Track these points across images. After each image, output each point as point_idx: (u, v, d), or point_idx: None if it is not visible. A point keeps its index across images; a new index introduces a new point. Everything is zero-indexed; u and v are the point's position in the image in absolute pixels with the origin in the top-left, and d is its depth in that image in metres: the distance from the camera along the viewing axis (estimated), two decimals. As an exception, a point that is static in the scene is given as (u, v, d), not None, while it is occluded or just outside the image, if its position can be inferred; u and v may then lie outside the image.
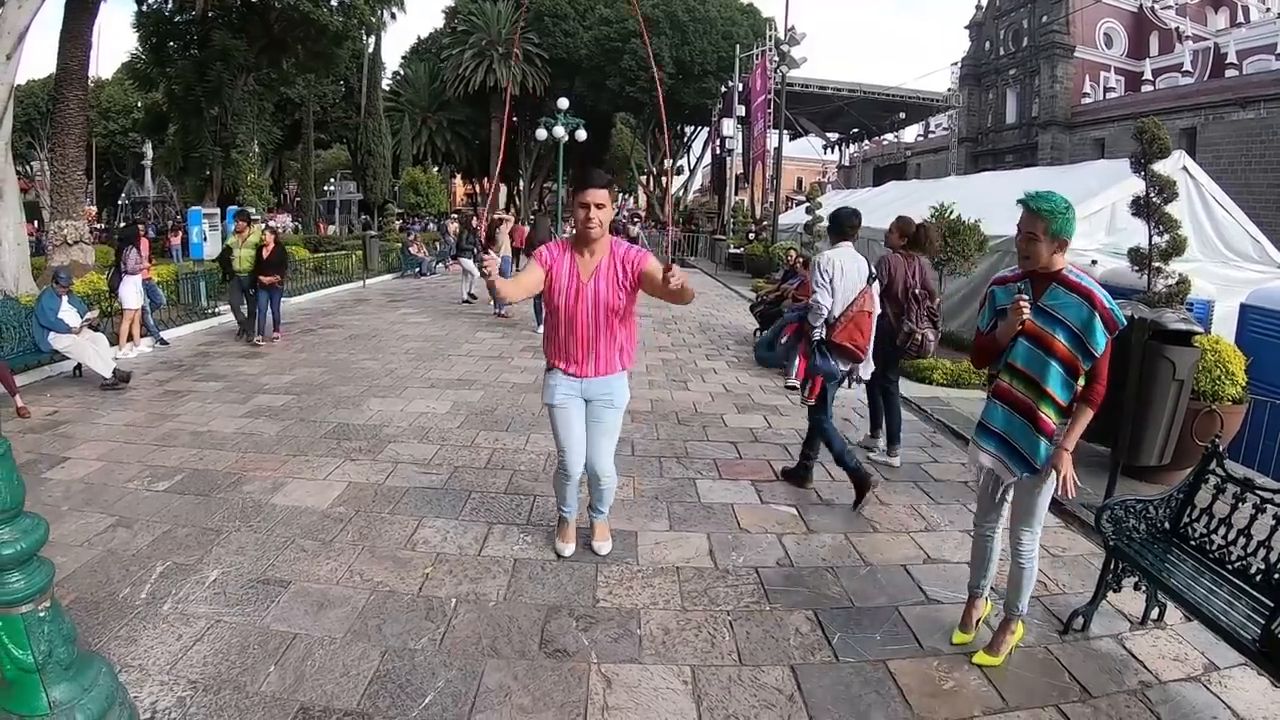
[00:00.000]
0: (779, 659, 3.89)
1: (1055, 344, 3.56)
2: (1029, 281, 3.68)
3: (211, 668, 3.65)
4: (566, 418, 4.60)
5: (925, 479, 6.82)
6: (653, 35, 50.45)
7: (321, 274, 21.58)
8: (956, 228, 11.05)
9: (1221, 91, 39.62)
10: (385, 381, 9.83)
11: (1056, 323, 3.56)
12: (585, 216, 4.24)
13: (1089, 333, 3.48)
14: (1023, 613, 3.95)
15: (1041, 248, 3.55)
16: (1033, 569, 3.85)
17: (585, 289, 4.36)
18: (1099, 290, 3.50)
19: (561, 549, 5.01)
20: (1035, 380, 3.64)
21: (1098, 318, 3.46)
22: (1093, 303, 3.47)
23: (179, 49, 32.16)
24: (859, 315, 6.08)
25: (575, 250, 4.43)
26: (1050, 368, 3.58)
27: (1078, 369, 3.56)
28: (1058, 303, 3.56)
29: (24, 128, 46.16)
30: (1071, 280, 3.55)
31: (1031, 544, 3.83)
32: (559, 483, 4.86)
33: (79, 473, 6.35)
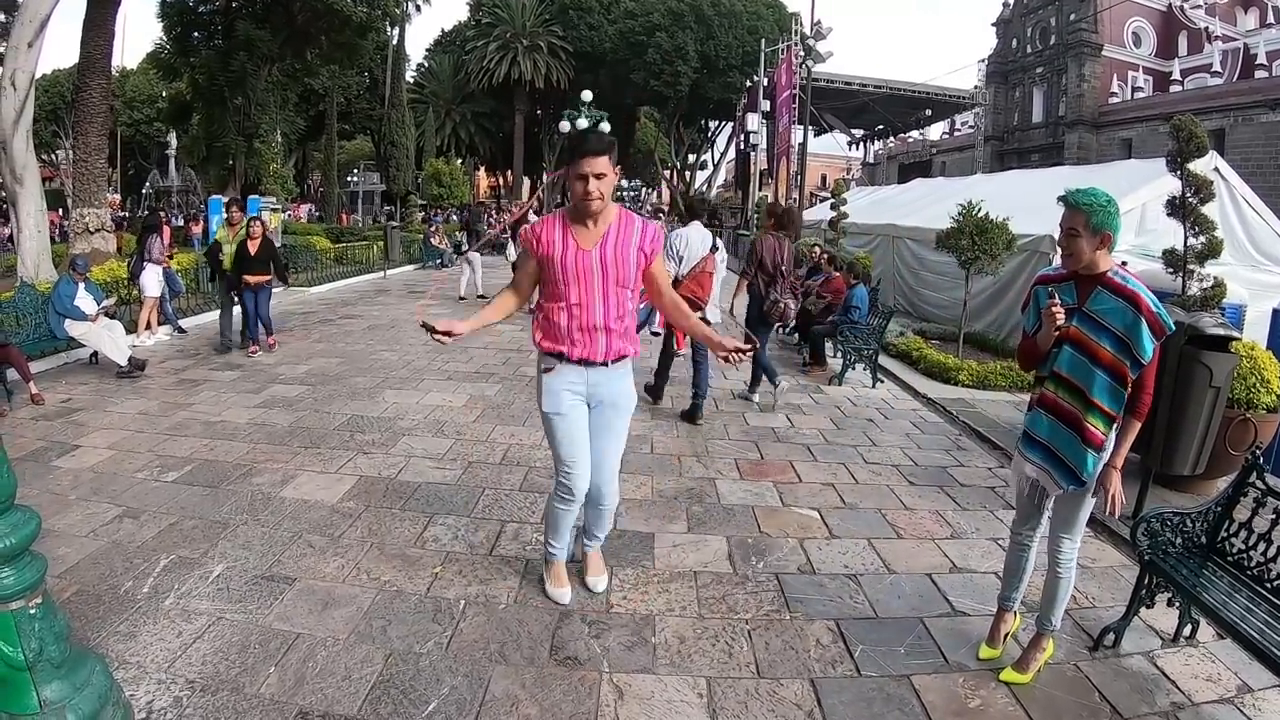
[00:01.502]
0: (799, 671, 3.74)
1: (1101, 351, 3.40)
2: (1074, 284, 3.51)
3: (210, 667, 3.56)
4: (572, 427, 3.99)
5: (951, 483, 6.65)
6: (678, 29, 50.34)
7: (343, 264, 21.61)
8: (984, 226, 10.86)
9: (1251, 93, 39.18)
10: (402, 373, 9.77)
11: (1102, 329, 3.40)
12: (584, 189, 3.70)
13: (1135, 339, 3.32)
14: (1055, 628, 3.79)
15: (1083, 244, 3.38)
16: (1070, 580, 3.70)
17: (588, 257, 3.80)
18: (1146, 294, 3.33)
19: (559, 595, 4.35)
20: (1081, 389, 3.47)
21: (1144, 323, 3.30)
22: (1139, 307, 3.30)
23: (203, 39, 32.22)
24: (701, 275, 7.82)
25: (573, 223, 3.85)
26: (1096, 376, 3.42)
27: (1125, 377, 3.39)
28: (1103, 308, 3.40)
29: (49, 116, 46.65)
30: (1116, 283, 3.38)
31: (1071, 553, 3.68)
32: (557, 512, 4.18)
33: (89, 461, 6.30)
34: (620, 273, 3.84)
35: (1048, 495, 3.71)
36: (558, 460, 4.06)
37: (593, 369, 3.95)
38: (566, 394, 3.96)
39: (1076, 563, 3.71)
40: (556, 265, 3.81)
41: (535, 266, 3.93)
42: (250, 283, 10.89)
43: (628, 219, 3.92)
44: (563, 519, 4.21)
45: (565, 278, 3.81)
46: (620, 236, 3.84)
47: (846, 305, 10.97)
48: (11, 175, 13.15)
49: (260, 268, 11.02)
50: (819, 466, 6.88)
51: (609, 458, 4.15)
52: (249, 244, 10.97)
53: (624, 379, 4.09)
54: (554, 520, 4.25)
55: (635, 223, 3.92)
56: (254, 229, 11.06)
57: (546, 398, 3.97)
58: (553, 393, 3.95)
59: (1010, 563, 3.95)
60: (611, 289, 3.84)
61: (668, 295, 4.17)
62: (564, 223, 3.86)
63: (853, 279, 11.30)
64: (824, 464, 6.96)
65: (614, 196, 3.89)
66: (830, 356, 11.16)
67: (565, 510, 4.15)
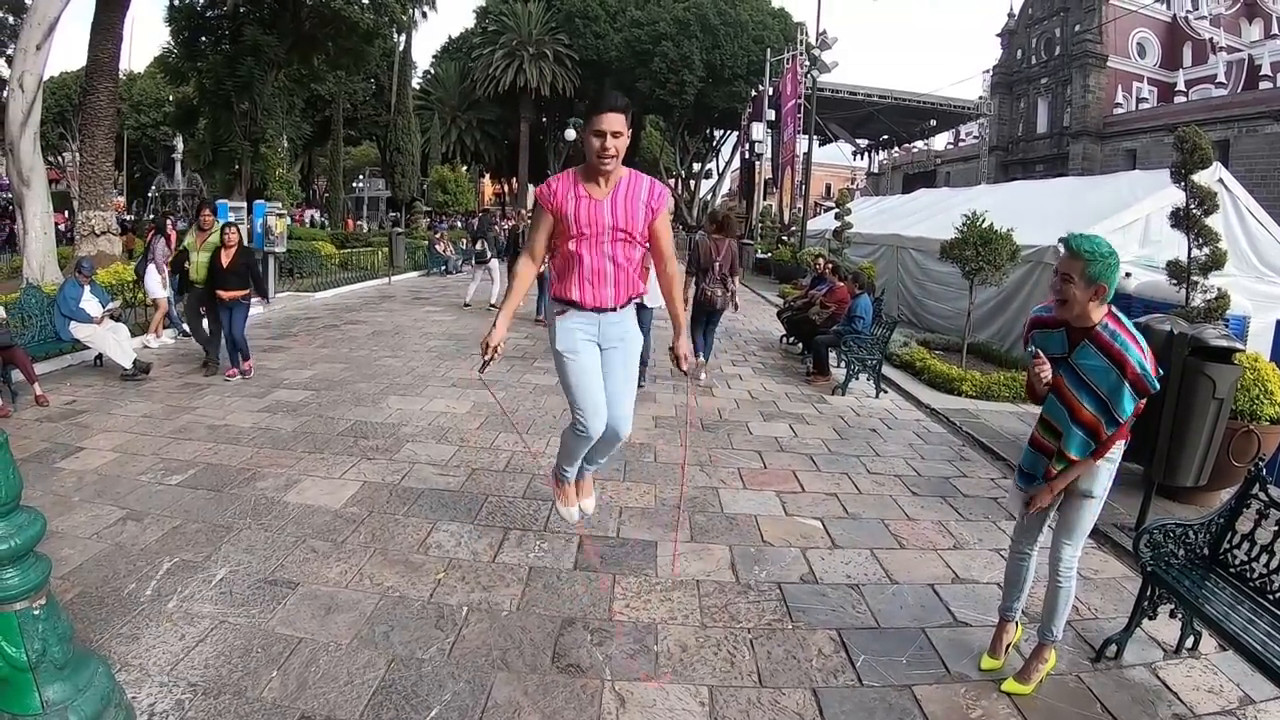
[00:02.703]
0: (800, 681, 3.73)
1: (1081, 410, 3.44)
2: (1064, 332, 3.52)
3: (213, 670, 3.56)
4: (584, 366, 4.17)
5: (954, 494, 6.65)
6: (684, 38, 50.47)
7: (347, 270, 21.65)
8: (988, 237, 10.85)
9: (1255, 104, 39.12)
10: (406, 379, 9.77)
11: (1084, 386, 3.44)
12: (600, 145, 3.85)
13: (1115, 400, 3.35)
14: (1057, 638, 3.79)
15: (1075, 291, 3.35)
16: (1071, 590, 3.70)
17: (600, 207, 3.99)
18: (1133, 355, 3.31)
19: (570, 514, 4.79)
20: (1058, 434, 3.54)
21: (1127, 385, 3.32)
22: (1124, 370, 3.31)
23: (210, 43, 32.36)
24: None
25: (584, 180, 4.03)
26: (1073, 432, 3.47)
27: (1100, 434, 3.43)
28: (1088, 364, 3.42)
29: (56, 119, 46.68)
30: (1104, 340, 3.38)
31: (1072, 561, 3.68)
32: (574, 442, 4.40)
33: (93, 463, 6.30)
34: (629, 223, 4.04)
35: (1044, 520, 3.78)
36: (573, 405, 4.25)
37: (604, 314, 4.17)
38: (579, 335, 4.17)
39: (1078, 572, 3.71)
40: (569, 216, 4.00)
41: (549, 222, 4.10)
42: (223, 299, 9.44)
43: (636, 176, 4.13)
44: (577, 449, 4.45)
45: (578, 226, 4.00)
46: (630, 190, 4.06)
47: (850, 315, 10.96)
48: (18, 177, 13.16)
49: (235, 282, 9.51)
50: (822, 476, 6.88)
51: (623, 395, 4.36)
52: (222, 254, 9.50)
53: (630, 319, 4.35)
54: (570, 449, 4.49)
55: (644, 179, 4.15)
56: (229, 236, 9.59)
57: (561, 337, 4.17)
58: (566, 332, 4.16)
59: (1011, 573, 3.95)
60: (621, 238, 4.05)
61: (668, 254, 4.36)
62: (576, 179, 4.05)
63: (857, 289, 11.30)
64: (827, 474, 6.96)
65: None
66: (834, 366, 11.15)
67: (582, 441, 4.36)
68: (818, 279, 13.71)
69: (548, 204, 4.05)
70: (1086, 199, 14.08)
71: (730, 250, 10.20)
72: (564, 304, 4.16)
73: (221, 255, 9.48)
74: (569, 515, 4.79)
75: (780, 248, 29.86)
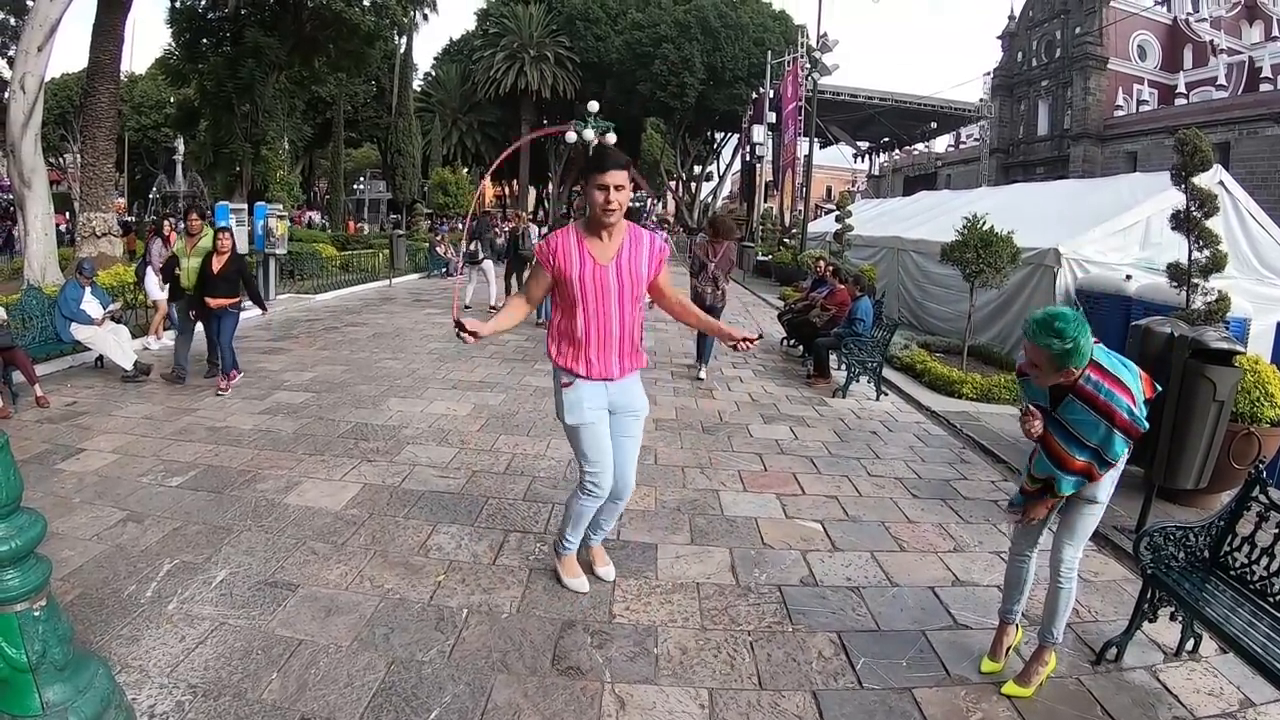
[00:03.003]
0: (800, 684, 3.73)
1: (1072, 462, 3.45)
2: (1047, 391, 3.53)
3: (213, 672, 3.56)
4: (597, 434, 4.11)
5: (954, 496, 6.64)
6: (685, 40, 50.51)
7: (348, 272, 21.69)
8: (989, 239, 10.85)
9: (1255, 106, 39.13)
10: (406, 382, 9.77)
11: (1073, 440, 3.44)
12: (605, 200, 3.80)
13: (1107, 448, 3.37)
14: (1057, 641, 3.79)
15: (1045, 376, 3.40)
16: (1071, 592, 3.70)
17: (606, 273, 3.91)
18: (1121, 404, 3.29)
19: (579, 585, 4.54)
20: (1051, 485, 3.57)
21: (1117, 435, 3.33)
22: (1113, 421, 3.30)
23: (211, 45, 32.33)
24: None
25: (587, 235, 3.95)
26: (1064, 479, 3.50)
27: (1093, 476, 3.48)
28: (1075, 419, 3.41)
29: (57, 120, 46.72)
30: (1088, 393, 3.35)
31: (1072, 562, 3.68)
32: (583, 509, 4.31)
33: (93, 464, 6.31)
34: (635, 287, 4.00)
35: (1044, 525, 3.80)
36: (585, 463, 4.18)
37: (610, 384, 4.11)
38: (588, 406, 4.08)
39: (1078, 574, 3.71)
40: (574, 281, 3.90)
41: (549, 281, 4.01)
42: (212, 306, 9.03)
43: (635, 233, 4.05)
44: (587, 514, 4.36)
45: (584, 293, 3.91)
46: (632, 251, 3.98)
47: (851, 318, 10.95)
48: (20, 178, 13.18)
49: (225, 289, 9.09)
50: (822, 479, 6.88)
51: (630, 458, 4.33)
52: (214, 260, 9.13)
53: (638, 385, 4.30)
54: (578, 516, 4.38)
55: (643, 236, 4.08)
56: (222, 242, 9.19)
57: (570, 412, 4.07)
58: (575, 405, 4.06)
59: (1010, 575, 3.95)
60: (628, 303, 3.98)
61: (673, 298, 4.33)
62: (578, 237, 3.96)
63: (857, 291, 11.29)
64: (827, 476, 6.96)
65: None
66: (834, 369, 11.15)
67: (592, 505, 4.29)
68: (818, 281, 13.70)
69: (548, 264, 3.95)
70: (1087, 201, 14.08)
71: (727, 252, 10.86)
72: (568, 373, 4.06)
73: (213, 261, 9.12)
74: (580, 586, 4.54)
75: (781, 250, 29.86)
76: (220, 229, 9.48)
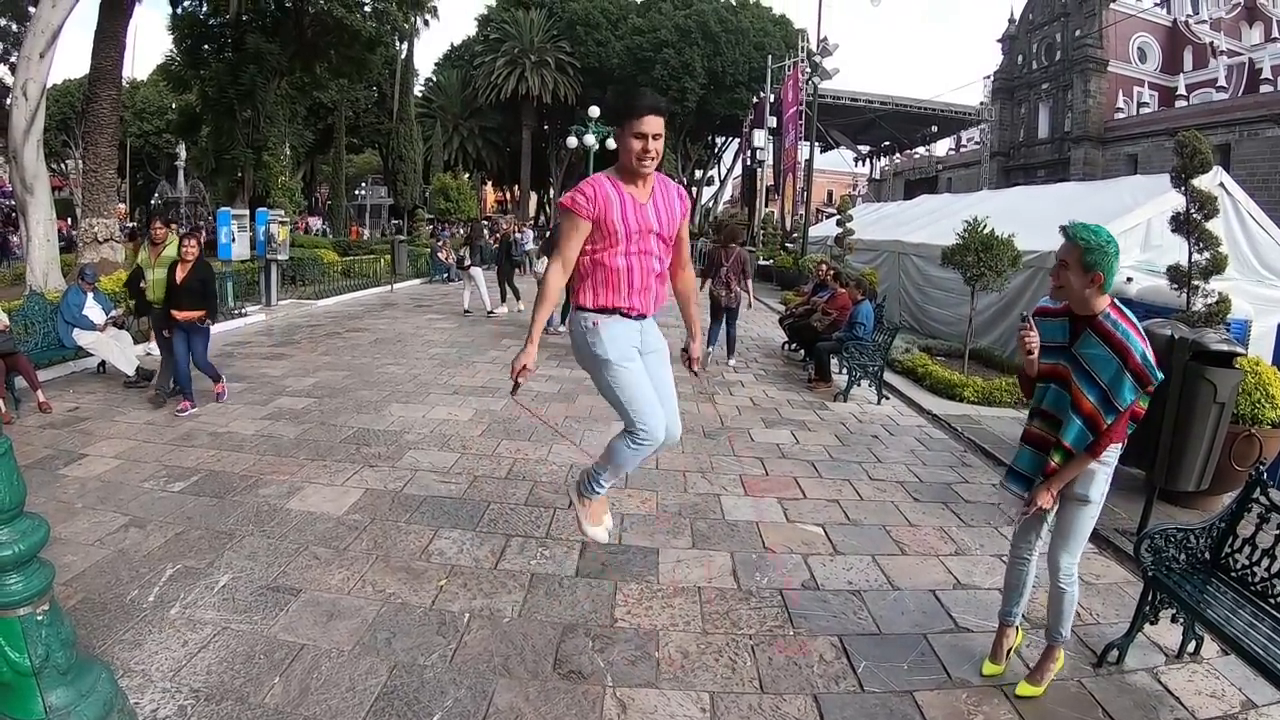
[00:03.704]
0: (802, 687, 3.74)
1: (1083, 400, 3.43)
2: (1068, 321, 3.54)
3: (215, 676, 3.57)
4: (640, 373, 3.94)
5: (955, 499, 6.65)
6: (685, 45, 50.60)
7: (350, 277, 21.70)
8: (989, 242, 10.86)
9: (1256, 107, 39.20)
10: (408, 387, 9.77)
11: (1086, 376, 3.43)
12: (642, 148, 3.71)
13: (1116, 389, 3.34)
14: (1065, 639, 3.78)
15: (1072, 277, 3.39)
16: (1073, 593, 3.68)
17: (645, 210, 3.83)
18: (1135, 345, 3.32)
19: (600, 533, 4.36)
20: (1057, 423, 3.53)
21: (1128, 375, 3.32)
22: (1125, 360, 3.31)
23: (213, 51, 32.39)
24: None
25: (623, 183, 3.84)
26: (1073, 422, 3.46)
27: (1099, 425, 3.40)
28: (1090, 353, 3.42)
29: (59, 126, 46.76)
30: (1106, 328, 3.39)
31: (1071, 567, 3.66)
32: (633, 455, 4.05)
33: (96, 470, 6.33)
34: (671, 224, 3.95)
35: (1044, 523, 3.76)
36: (632, 410, 3.94)
37: (644, 321, 4.02)
38: (626, 342, 3.94)
39: (1078, 576, 3.70)
40: (616, 219, 3.79)
41: (585, 230, 3.83)
42: (178, 319, 8.16)
43: (663, 179, 4.00)
44: (634, 460, 4.14)
45: (626, 230, 3.81)
46: (664, 193, 3.95)
47: (852, 321, 10.95)
48: (22, 184, 13.19)
49: (189, 301, 8.18)
50: (823, 483, 6.88)
51: (673, 396, 4.20)
52: (178, 268, 8.27)
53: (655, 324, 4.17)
54: (622, 462, 4.13)
55: (670, 181, 4.03)
56: (187, 249, 8.33)
57: (610, 346, 3.88)
58: (614, 339, 3.89)
59: (1010, 578, 3.93)
60: (661, 243, 3.94)
61: (687, 258, 4.30)
62: (614, 182, 3.85)
63: (859, 295, 11.29)
64: (829, 480, 6.96)
65: None
66: (835, 373, 11.15)
67: (643, 451, 4.04)
68: (819, 285, 13.71)
69: (585, 212, 3.77)
70: (1087, 204, 14.05)
71: (738, 256, 12.11)
72: (605, 312, 3.90)
73: (177, 270, 8.25)
74: (599, 535, 4.38)
75: (782, 254, 29.86)
76: (185, 234, 8.67)
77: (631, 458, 4.10)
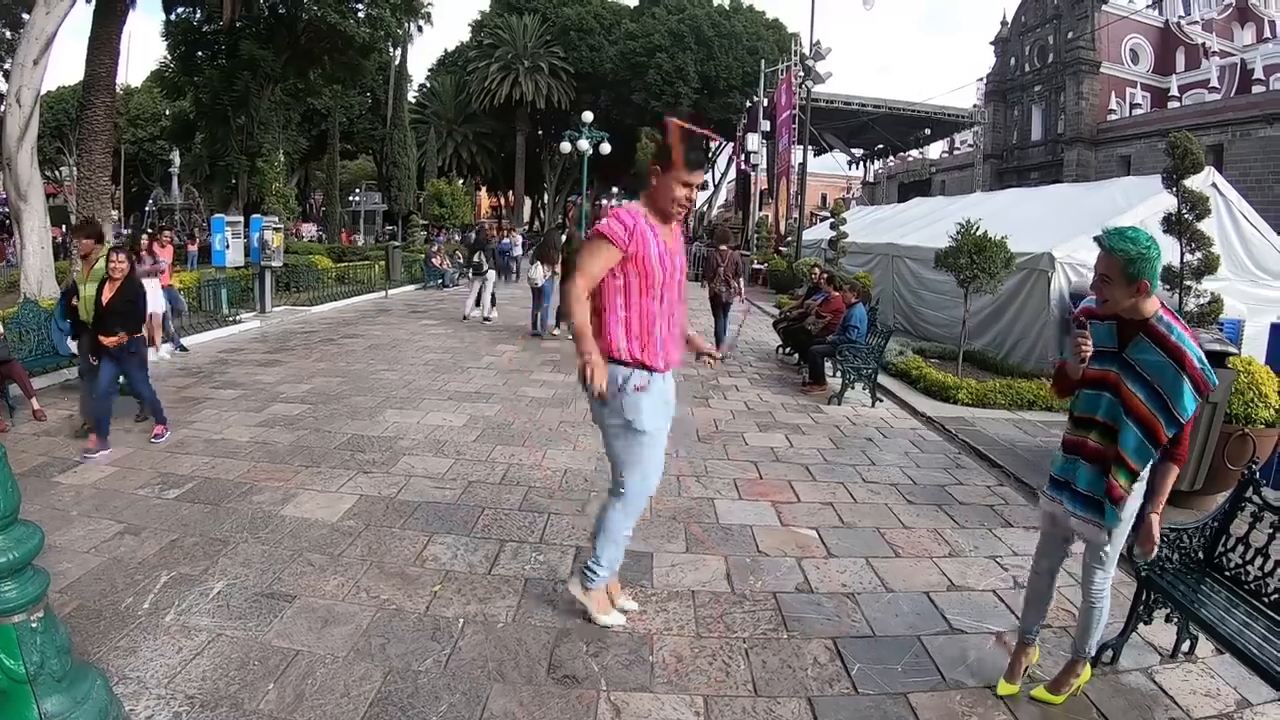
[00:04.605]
0: (796, 690, 3.74)
1: (1137, 405, 3.24)
2: (1115, 326, 3.35)
3: (210, 683, 3.56)
4: (663, 442, 3.97)
5: (950, 502, 6.65)
6: (678, 50, 50.70)
7: (344, 284, 21.71)
8: (983, 245, 10.88)
9: (1248, 108, 39.26)
10: (402, 393, 9.77)
11: (1140, 380, 3.24)
12: (686, 197, 3.83)
13: (1176, 398, 3.16)
14: (1090, 654, 3.70)
15: (1116, 291, 3.21)
16: (1104, 610, 3.58)
17: (675, 258, 3.82)
18: (1191, 348, 3.15)
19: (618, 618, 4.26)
20: (1113, 435, 3.33)
21: (1187, 382, 3.14)
22: (1183, 364, 3.13)
23: (207, 58, 32.44)
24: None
25: (656, 222, 3.84)
26: (1128, 429, 3.26)
27: (1158, 435, 3.21)
28: (1144, 359, 3.24)
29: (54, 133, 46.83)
30: (1160, 333, 3.20)
31: (1104, 584, 3.55)
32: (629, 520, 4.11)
33: (91, 478, 6.32)
34: (683, 271, 3.96)
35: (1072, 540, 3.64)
36: (640, 476, 3.96)
37: (667, 376, 3.97)
38: (663, 406, 3.93)
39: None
40: (654, 263, 3.75)
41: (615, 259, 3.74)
42: (104, 344, 7.08)
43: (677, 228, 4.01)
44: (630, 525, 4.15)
45: (664, 278, 3.78)
46: (678, 238, 3.97)
47: (845, 324, 10.95)
48: (16, 192, 13.20)
49: (115, 323, 7.11)
50: (817, 486, 6.89)
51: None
52: (106, 287, 7.24)
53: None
54: (621, 528, 4.12)
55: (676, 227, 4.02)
56: (114, 265, 7.24)
57: (648, 415, 3.83)
58: (653, 408, 3.85)
59: (1032, 592, 3.83)
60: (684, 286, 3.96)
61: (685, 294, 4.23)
62: (647, 220, 3.82)
63: (852, 298, 11.31)
64: (823, 483, 6.97)
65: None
66: (830, 376, 11.16)
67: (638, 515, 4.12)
68: (813, 289, 13.74)
69: (621, 242, 3.69)
70: (1080, 205, 14.11)
71: (732, 257, 13.59)
72: (642, 370, 3.80)
73: (105, 288, 7.24)
74: (616, 620, 4.25)
75: (776, 258, 29.91)
76: (113, 249, 7.49)
77: (626, 523, 4.11)
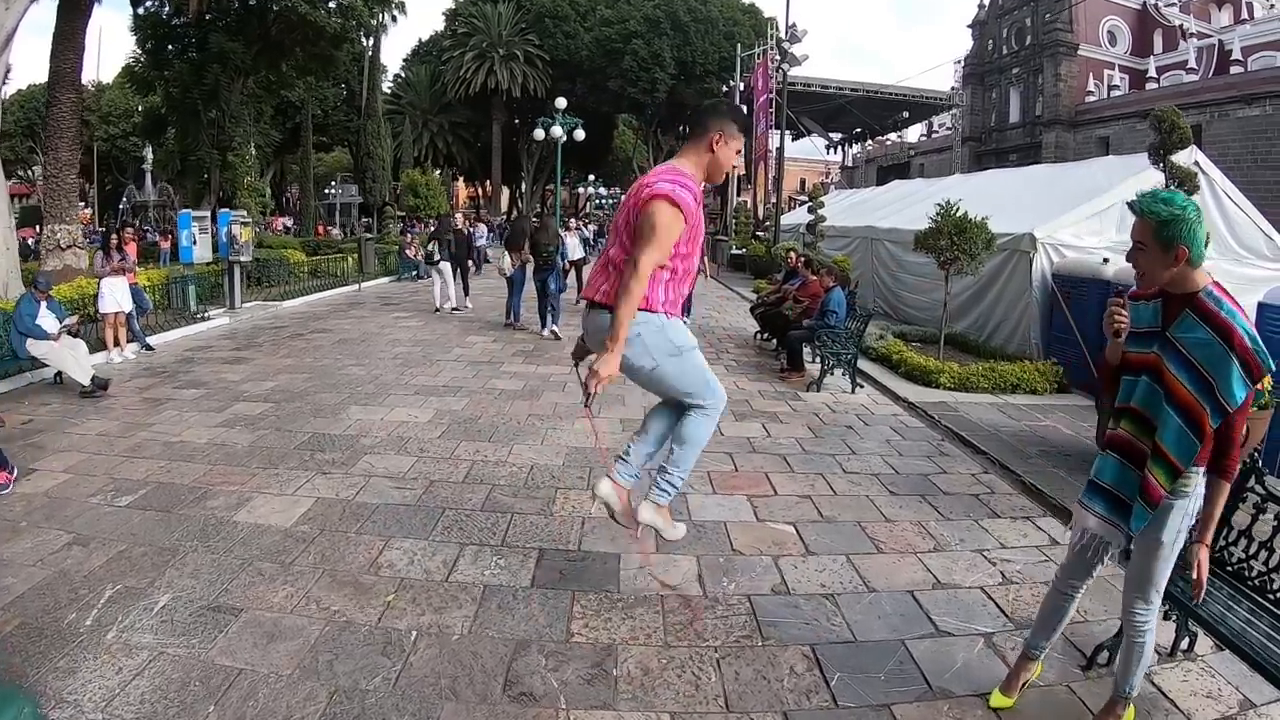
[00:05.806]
0: (771, 704, 3.51)
1: (1178, 388, 2.89)
2: (1161, 303, 3.00)
3: (149, 706, 3.35)
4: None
5: (933, 491, 6.47)
6: (654, 36, 50.50)
7: (317, 277, 21.43)
8: (963, 226, 10.71)
9: (1226, 89, 39.38)
10: (369, 388, 9.53)
11: (1184, 362, 2.89)
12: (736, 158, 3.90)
13: (1222, 380, 2.80)
14: (1133, 694, 3.36)
15: (1151, 259, 2.90)
16: (1147, 647, 3.24)
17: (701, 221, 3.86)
18: (1241, 325, 2.79)
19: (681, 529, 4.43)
20: (1150, 426, 3.00)
21: (1235, 362, 2.78)
22: (1231, 341, 2.78)
23: (177, 52, 32.16)
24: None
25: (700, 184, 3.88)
26: (1167, 416, 2.92)
27: (1201, 424, 2.86)
28: (1188, 336, 2.88)
29: (24, 132, 46.31)
30: (1208, 308, 2.85)
31: (1148, 617, 3.19)
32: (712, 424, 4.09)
33: (44, 485, 6.09)
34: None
35: (1106, 553, 3.26)
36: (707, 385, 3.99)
37: None
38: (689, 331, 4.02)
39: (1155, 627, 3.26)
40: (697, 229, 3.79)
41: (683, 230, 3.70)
42: None
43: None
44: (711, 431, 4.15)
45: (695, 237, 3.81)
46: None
47: (824, 309, 10.74)
48: (-22, 192, 12.93)
49: None
50: (795, 477, 6.69)
51: None
52: None
53: None
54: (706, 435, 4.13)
55: None
56: None
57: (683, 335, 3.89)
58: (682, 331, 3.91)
59: (1048, 608, 3.51)
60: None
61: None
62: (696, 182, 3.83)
63: (830, 281, 11.10)
64: (801, 475, 6.77)
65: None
66: (808, 362, 10.99)
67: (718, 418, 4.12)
68: (790, 273, 13.58)
69: (691, 213, 3.67)
70: (1061, 185, 14.02)
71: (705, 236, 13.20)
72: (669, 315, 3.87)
73: None
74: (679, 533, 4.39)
75: (754, 243, 29.79)
76: None
77: (711, 427, 4.09)
